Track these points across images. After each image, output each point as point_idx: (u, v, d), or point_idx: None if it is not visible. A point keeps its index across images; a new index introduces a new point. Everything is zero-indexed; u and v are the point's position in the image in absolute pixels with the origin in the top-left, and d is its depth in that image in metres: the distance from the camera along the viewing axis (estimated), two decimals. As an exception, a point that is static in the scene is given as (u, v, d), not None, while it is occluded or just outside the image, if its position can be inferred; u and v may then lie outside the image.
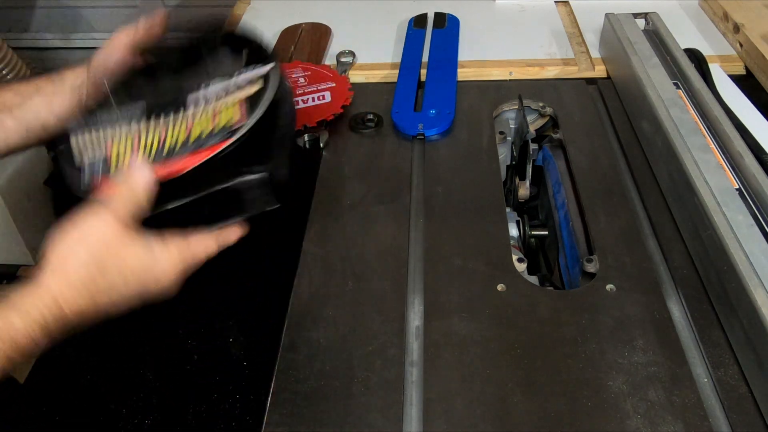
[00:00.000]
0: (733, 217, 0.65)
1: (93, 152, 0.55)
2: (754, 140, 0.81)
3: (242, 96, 0.56)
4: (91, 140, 0.57)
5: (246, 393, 0.60)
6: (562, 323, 0.65)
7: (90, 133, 0.57)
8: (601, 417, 0.57)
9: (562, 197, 0.85)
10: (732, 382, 0.59)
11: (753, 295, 0.58)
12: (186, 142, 0.54)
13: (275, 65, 0.58)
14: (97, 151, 0.55)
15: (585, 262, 0.73)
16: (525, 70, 1.05)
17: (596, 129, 0.92)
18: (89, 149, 0.56)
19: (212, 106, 0.56)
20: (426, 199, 0.81)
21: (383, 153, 0.89)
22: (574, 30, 1.16)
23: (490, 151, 0.89)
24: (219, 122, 0.55)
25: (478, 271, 0.71)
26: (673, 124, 0.79)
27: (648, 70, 0.90)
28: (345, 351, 0.63)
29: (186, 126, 0.55)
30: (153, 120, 0.56)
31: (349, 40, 1.15)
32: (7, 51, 1.44)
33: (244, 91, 0.57)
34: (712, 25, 1.15)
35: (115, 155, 0.54)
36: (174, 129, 0.55)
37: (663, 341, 0.63)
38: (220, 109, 0.56)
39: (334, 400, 0.59)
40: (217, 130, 0.54)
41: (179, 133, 0.55)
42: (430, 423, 0.57)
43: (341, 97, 0.96)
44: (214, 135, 0.54)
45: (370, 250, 0.74)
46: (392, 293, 0.69)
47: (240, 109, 0.55)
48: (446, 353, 0.62)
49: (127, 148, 0.54)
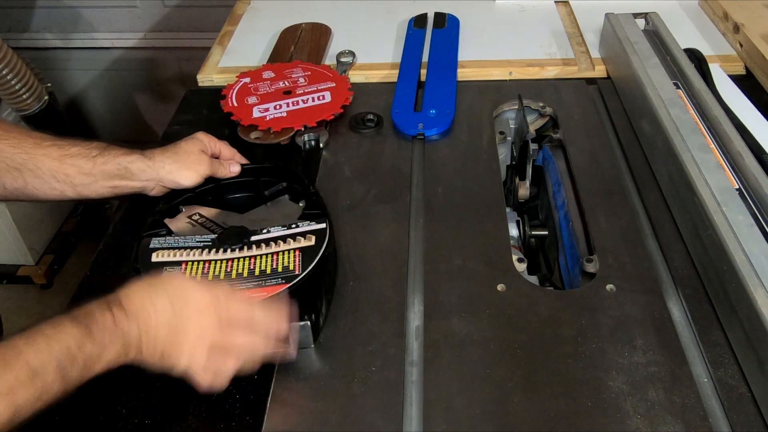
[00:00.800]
0: (733, 217, 0.65)
1: (172, 268, 0.66)
2: (754, 140, 0.81)
3: (299, 246, 0.67)
4: (167, 254, 0.67)
5: (246, 393, 0.60)
6: (562, 323, 0.65)
7: (167, 249, 0.68)
8: (601, 417, 0.57)
9: (562, 197, 0.85)
10: (732, 382, 0.59)
11: (753, 295, 0.58)
12: (251, 276, 0.64)
13: (327, 224, 0.69)
14: (175, 267, 0.66)
15: (585, 262, 0.73)
16: (525, 70, 1.05)
17: (596, 129, 0.92)
18: (164, 257, 0.67)
19: (273, 250, 0.67)
20: (426, 199, 0.81)
21: (383, 153, 0.89)
22: (574, 30, 1.16)
23: (490, 151, 0.89)
24: (278, 266, 0.65)
25: (478, 271, 0.71)
26: (673, 124, 0.79)
27: (648, 70, 0.90)
28: (345, 351, 0.63)
29: (249, 263, 0.66)
30: (221, 252, 0.67)
31: (349, 40, 1.15)
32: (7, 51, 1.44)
33: (300, 242, 0.67)
34: (712, 25, 1.15)
35: (188, 274, 0.65)
36: (239, 263, 0.66)
37: (663, 341, 0.63)
38: (279, 253, 0.67)
39: (334, 400, 0.59)
40: (280, 270, 0.64)
41: (243, 268, 0.65)
42: (430, 423, 0.57)
43: (341, 97, 0.96)
44: (273, 277, 0.64)
45: (370, 250, 0.74)
46: (392, 293, 0.69)
47: (296, 258, 0.66)
48: (446, 353, 0.62)
49: (199, 270, 0.65)
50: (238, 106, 0.95)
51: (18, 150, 0.66)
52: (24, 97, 1.52)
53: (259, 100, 0.96)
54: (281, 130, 0.91)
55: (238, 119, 0.93)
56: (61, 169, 0.67)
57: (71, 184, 0.68)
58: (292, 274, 0.64)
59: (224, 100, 0.97)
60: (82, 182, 0.68)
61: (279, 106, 0.95)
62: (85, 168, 0.68)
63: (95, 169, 0.68)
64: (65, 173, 0.67)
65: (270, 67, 1.03)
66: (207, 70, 1.10)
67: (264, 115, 0.93)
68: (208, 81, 1.09)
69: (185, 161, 0.72)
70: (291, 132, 0.91)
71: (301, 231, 0.69)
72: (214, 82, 1.08)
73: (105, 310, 0.50)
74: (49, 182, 0.67)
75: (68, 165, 0.67)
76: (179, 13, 1.92)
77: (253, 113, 0.93)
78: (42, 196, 0.68)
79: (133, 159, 0.70)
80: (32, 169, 0.66)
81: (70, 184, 0.68)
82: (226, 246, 0.67)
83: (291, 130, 0.91)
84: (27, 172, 0.66)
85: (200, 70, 1.10)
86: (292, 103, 0.95)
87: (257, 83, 0.99)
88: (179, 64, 2.03)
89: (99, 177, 0.68)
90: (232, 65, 1.10)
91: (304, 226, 0.69)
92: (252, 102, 0.96)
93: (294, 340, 0.61)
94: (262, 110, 0.94)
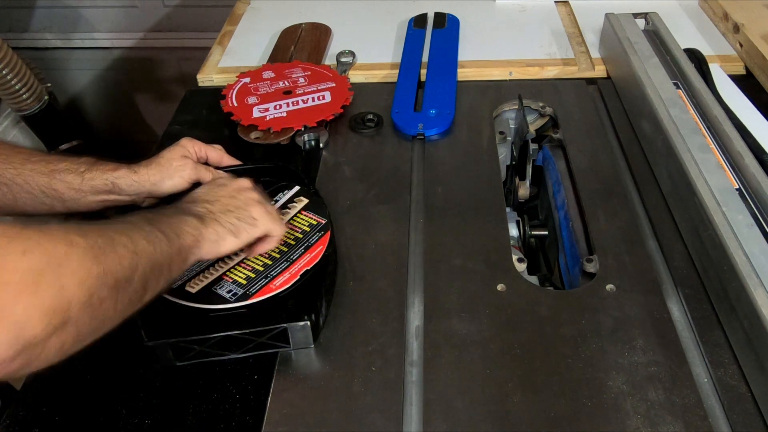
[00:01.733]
0: (733, 217, 0.65)
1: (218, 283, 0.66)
2: (754, 140, 0.81)
3: (300, 208, 0.72)
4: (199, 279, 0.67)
5: (246, 393, 0.60)
6: (562, 323, 0.65)
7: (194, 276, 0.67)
8: (601, 417, 0.57)
9: (562, 197, 0.85)
10: (732, 382, 0.59)
11: (753, 295, 0.58)
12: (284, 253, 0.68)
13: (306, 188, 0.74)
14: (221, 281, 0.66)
15: (585, 262, 0.73)
16: (525, 70, 1.05)
17: (596, 129, 0.92)
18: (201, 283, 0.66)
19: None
20: (426, 199, 0.81)
21: (383, 153, 0.89)
22: (574, 30, 1.16)
23: (490, 151, 0.89)
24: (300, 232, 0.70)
25: (478, 271, 0.71)
26: (673, 124, 0.79)
27: (648, 70, 0.90)
28: (345, 351, 0.63)
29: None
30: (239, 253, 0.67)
31: (349, 40, 1.15)
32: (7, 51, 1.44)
33: (297, 204, 0.72)
34: (712, 25, 1.15)
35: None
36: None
37: (663, 341, 0.63)
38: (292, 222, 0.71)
39: (334, 400, 0.59)
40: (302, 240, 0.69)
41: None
42: (430, 423, 0.57)
43: (341, 97, 0.96)
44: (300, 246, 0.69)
45: (370, 250, 0.74)
46: (392, 293, 0.69)
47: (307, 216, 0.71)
48: (446, 353, 0.62)
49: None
50: (238, 106, 0.95)
51: (7, 165, 0.66)
52: (24, 97, 1.52)
53: (259, 100, 0.96)
54: (281, 130, 0.91)
55: (238, 119, 0.93)
56: (50, 184, 0.67)
57: (61, 199, 0.68)
58: (328, 228, 0.70)
59: (224, 100, 0.97)
60: (71, 197, 0.68)
61: (279, 106, 0.95)
62: (74, 183, 0.68)
63: (84, 185, 0.68)
64: (54, 188, 0.67)
65: (270, 67, 1.03)
66: (207, 70, 1.10)
67: (264, 115, 0.93)
68: (208, 81, 1.09)
69: (167, 170, 0.72)
70: (291, 132, 0.91)
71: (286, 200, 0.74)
72: (214, 82, 1.08)
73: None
74: (39, 198, 0.67)
75: (57, 180, 0.67)
76: (179, 13, 1.92)
77: (253, 113, 0.93)
78: (32, 211, 0.68)
79: (120, 174, 0.70)
80: (21, 185, 0.66)
81: (60, 199, 0.68)
82: None
83: (291, 130, 0.91)
84: (16, 188, 0.66)
85: (200, 70, 1.10)
86: (292, 103, 0.95)
87: (257, 83, 0.99)
88: (179, 64, 2.03)
89: (88, 192, 0.68)
90: (232, 65, 1.11)
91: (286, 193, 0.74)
92: (252, 102, 0.96)
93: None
94: (262, 110, 0.94)
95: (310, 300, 0.64)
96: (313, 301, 0.64)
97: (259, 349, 0.62)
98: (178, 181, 0.72)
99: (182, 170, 0.72)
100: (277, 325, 0.61)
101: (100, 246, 0.45)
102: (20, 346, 0.38)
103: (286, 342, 0.63)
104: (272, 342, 0.62)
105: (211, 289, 0.64)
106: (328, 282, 0.68)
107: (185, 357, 0.62)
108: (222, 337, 0.61)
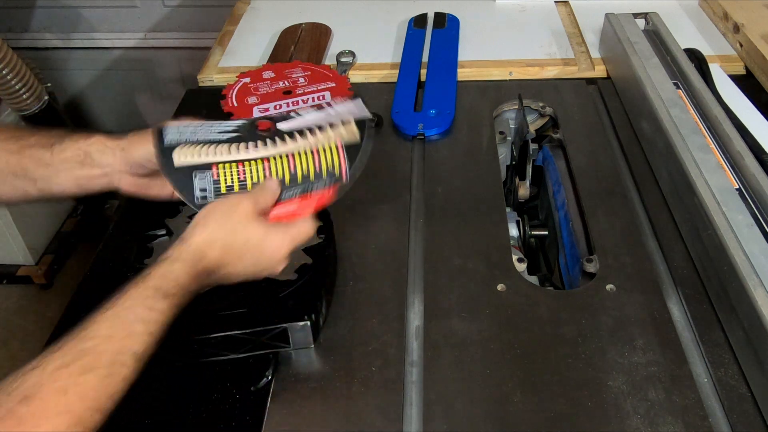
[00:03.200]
0: (733, 217, 0.65)
1: (202, 172, 0.59)
2: (754, 140, 0.81)
3: (342, 135, 0.59)
4: (190, 152, 0.59)
5: (246, 393, 0.60)
6: (562, 323, 0.65)
7: (188, 145, 0.60)
8: (601, 417, 0.57)
9: (562, 197, 0.85)
10: (732, 382, 0.59)
11: (753, 295, 0.58)
12: (294, 180, 0.59)
13: (366, 114, 0.61)
14: (205, 171, 0.59)
15: (585, 262, 0.73)
16: (525, 70, 1.05)
17: (596, 129, 0.92)
18: (189, 157, 0.59)
19: (313, 141, 0.59)
20: (426, 199, 0.81)
21: (383, 153, 0.89)
22: (574, 30, 1.16)
23: (490, 151, 0.89)
24: (324, 165, 0.59)
25: (478, 271, 0.71)
26: (673, 124, 0.79)
27: (648, 70, 0.90)
28: (345, 351, 0.63)
29: (289, 164, 0.59)
30: (252, 147, 0.59)
31: (349, 40, 1.15)
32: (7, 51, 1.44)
33: (342, 129, 0.59)
34: (712, 25, 1.15)
35: (223, 180, 0.59)
36: (277, 165, 0.59)
37: (663, 341, 0.63)
38: (322, 146, 0.59)
39: (334, 400, 0.59)
40: (325, 174, 0.59)
41: (284, 169, 0.59)
42: (430, 423, 0.57)
43: (341, 97, 0.96)
44: (320, 179, 0.59)
45: (370, 250, 0.74)
46: (392, 293, 0.69)
47: (341, 157, 0.59)
48: (446, 353, 0.62)
49: (234, 175, 0.59)
50: (238, 106, 0.95)
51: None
52: (24, 97, 1.52)
53: (259, 100, 0.96)
54: (281, 130, 0.91)
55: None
56: (19, 162, 0.61)
57: (31, 179, 0.62)
58: (339, 182, 0.59)
59: (224, 100, 0.97)
60: (41, 175, 0.62)
61: (279, 106, 0.95)
62: (45, 158, 0.61)
63: (54, 158, 0.61)
64: (23, 167, 0.61)
65: (270, 67, 1.03)
66: (207, 70, 1.10)
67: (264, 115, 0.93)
68: (208, 81, 1.09)
69: (140, 136, 0.62)
70: (291, 132, 0.91)
71: (337, 113, 0.60)
72: (214, 82, 1.08)
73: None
74: (9, 181, 0.62)
75: (27, 158, 0.61)
76: (179, 13, 1.92)
77: (253, 113, 0.93)
78: (5, 199, 0.64)
79: (93, 141, 0.62)
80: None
81: (30, 179, 0.62)
82: (256, 139, 0.60)
83: (291, 130, 0.91)
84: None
85: (200, 70, 1.10)
86: (292, 103, 0.95)
87: (257, 83, 0.99)
88: (179, 64, 2.02)
89: (60, 167, 0.62)
90: (232, 65, 1.11)
91: (339, 106, 0.60)
92: (252, 102, 0.96)
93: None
94: (262, 110, 0.94)
95: (310, 300, 0.64)
96: (313, 301, 0.64)
97: (259, 349, 0.62)
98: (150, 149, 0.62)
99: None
100: (277, 325, 0.61)
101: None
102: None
103: (286, 342, 0.63)
104: (272, 342, 0.62)
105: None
106: (328, 282, 0.68)
107: (185, 357, 0.62)
108: (222, 337, 0.61)
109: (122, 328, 0.48)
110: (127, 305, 0.49)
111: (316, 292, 0.65)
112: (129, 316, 0.49)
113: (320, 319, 0.65)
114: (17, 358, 1.69)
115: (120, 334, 0.48)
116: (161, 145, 0.60)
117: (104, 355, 0.46)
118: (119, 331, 0.48)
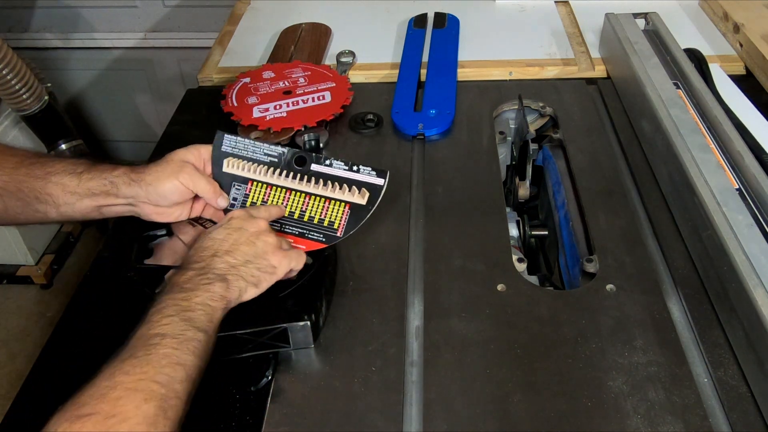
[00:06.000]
0: (733, 217, 0.65)
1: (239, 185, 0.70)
2: (754, 140, 0.81)
3: (351, 200, 0.68)
4: (238, 165, 0.70)
5: (246, 393, 0.60)
6: (562, 323, 0.65)
7: (236, 157, 0.71)
8: (601, 417, 0.57)
9: (562, 197, 0.85)
10: (732, 382, 0.59)
11: (753, 295, 0.58)
12: (300, 220, 0.68)
13: (385, 182, 0.69)
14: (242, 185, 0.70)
15: (585, 262, 0.73)
16: (525, 70, 1.05)
17: (596, 129, 0.92)
18: (235, 169, 0.70)
19: (331, 193, 0.69)
20: (426, 199, 0.81)
21: (383, 153, 0.89)
22: (574, 30, 1.16)
23: (490, 151, 0.89)
24: (325, 219, 0.68)
25: (478, 271, 0.71)
26: (673, 124, 0.79)
27: (648, 70, 0.90)
28: (345, 351, 0.63)
29: (303, 202, 0.69)
30: (284, 177, 0.70)
31: (349, 40, 1.15)
32: (7, 51, 1.44)
33: (353, 196, 0.68)
34: (712, 25, 1.15)
35: (251, 195, 0.70)
36: (295, 199, 0.69)
37: (663, 341, 0.63)
38: (335, 201, 0.68)
39: (334, 400, 0.59)
40: (326, 224, 0.68)
41: (297, 206, 0.69)
42: (430, 423, 0.57)
43: (341, 97, 0.96)
44: (317, 230, 0.68)
45: (370, 250, 0.74)
46: (392, 293, 0.69)
47: (344, 216, 0.68)
48: (446, 353, 0.62)
49: (261, 194, 0.70)
50: (238, 106, 0.95)
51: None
52: (24, 97, 1.52)
53: (259, 100, 0.96)
54: (281, 130, 0.91)
55: (238, 119, 0.93)
56: (44, 188, 0.64)
57: (54, 204, 0.65)
58: (333, 235, 0.68)
59: (224, 100, 0.97)
60: (66, 201, 0.65)
61: (279, 106, 0.95)
62: (70, 186, 0.64)
63: (80, 187, 0.64)
64: (48, 193, 0.64)
65: (270, 67, 1.03)
66: (207, 70, 1.10)
67: (264, 115, 0.93)
68: (208, 81, 1.09)
69: (165, 170, 0.66)
70: (291, 132, 0.91)
71: (359, 179, 0.69)
72: (214, 82, 1.08)
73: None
74: (32, 204, 0.64)
75: (52, 184, 0.64)
76: (179, 13, 1.92)
77: (253, 113, 0.93)
78: (23, 220, 0.66)
79: (119, 173, 0.66)
80: (13, 192, 0.64)
81: (54, 204, 0.65)
82: (291, 170, 0.70)
83: (291, 130, 0.91)
84: (7, 195, 0.64)
85: (200, 70, 1.10)
86: (292, 103, 0.95)
87: (257, 83, 0.99)
88: (179, 64, 2.02)
89: (84, 195, 0.65)
90: (232, 65, 1.11)
91: (365, 173, 0.69)
92: (252, 102, 0.96)
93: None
94: (262, 110, 0.94)
95: (310, 300, 0.64)
96: (313, 301, 0.64)
97: (259, 349, 0.62)
98: (176, 185, 0.66)
99: (179, 173, 0.66)
100: (277, 325, 0.62)
101: (164, 396, 0.49)
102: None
103: (286, 342, 0.63)
104: (272, 342, 0.62)
105: None
106: (328, 282, 0.68)
107: None
108: (222, 337, 0.61)
109: None
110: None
111: (316, 292, 0.65)
112: None
113: (320, 319, 0.65)
114: (17, 358, 1.69)
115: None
116: (219, 148, 0.70)
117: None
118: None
